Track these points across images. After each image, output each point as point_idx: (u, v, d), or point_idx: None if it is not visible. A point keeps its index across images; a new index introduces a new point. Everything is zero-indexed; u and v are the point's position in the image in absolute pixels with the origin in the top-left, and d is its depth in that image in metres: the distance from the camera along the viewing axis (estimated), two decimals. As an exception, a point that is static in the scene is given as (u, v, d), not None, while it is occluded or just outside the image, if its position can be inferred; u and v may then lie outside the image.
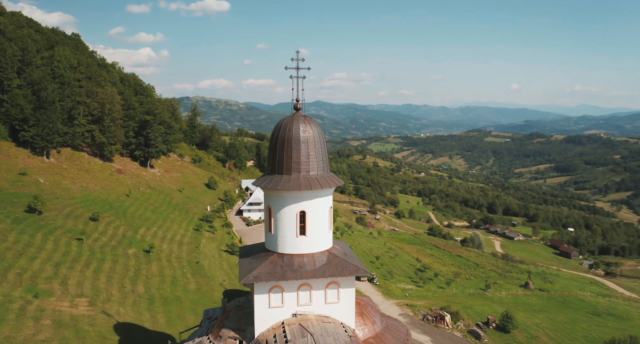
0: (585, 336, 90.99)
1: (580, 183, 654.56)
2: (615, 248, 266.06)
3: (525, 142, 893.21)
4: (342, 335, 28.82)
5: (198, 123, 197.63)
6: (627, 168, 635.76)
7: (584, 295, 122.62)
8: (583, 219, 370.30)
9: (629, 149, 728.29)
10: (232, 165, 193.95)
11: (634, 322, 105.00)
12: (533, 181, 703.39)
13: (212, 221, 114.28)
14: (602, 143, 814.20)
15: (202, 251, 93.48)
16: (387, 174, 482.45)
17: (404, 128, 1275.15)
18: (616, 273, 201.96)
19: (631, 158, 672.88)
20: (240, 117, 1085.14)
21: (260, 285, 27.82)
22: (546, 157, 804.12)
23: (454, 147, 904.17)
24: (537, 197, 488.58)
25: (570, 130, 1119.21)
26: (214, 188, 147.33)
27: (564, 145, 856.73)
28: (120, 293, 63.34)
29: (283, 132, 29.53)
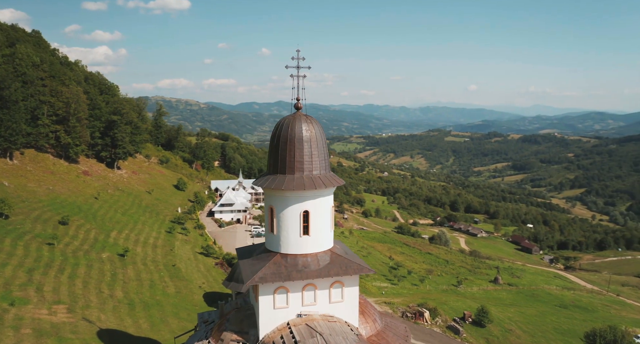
0: (555, 328, 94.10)
1: (536, 180, 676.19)
2: (572, 243, 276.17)
3: (483, 141, 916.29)
4: (350, 334, 28.77)
5: (163, 123, 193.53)
6: (580, 166, 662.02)
7: (550, 289, 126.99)
8: (541, 215, 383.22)
9: (581, 148, 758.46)
10: (199, 166, 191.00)
11: (598, 313, 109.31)
12: (492, 179, 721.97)
13: (184, 223, 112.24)
14: (556, 142, 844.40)
15: (177, 253, 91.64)
16: (352, 174, 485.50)
17: (365, 128, 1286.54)
18: (575, 267, 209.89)
19: (584, 156, 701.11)
20: (202, 117, 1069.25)
21: (264, 286, 27.41)
22: (504, 156, 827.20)
23: (415, 147, 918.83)
24: (496, 195, 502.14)
25: (526, 130, 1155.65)
26: (183, 189, 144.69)
27: (520, 144, 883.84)
28: (99, 299, 61.28)
29: (285, 131, 29.17)
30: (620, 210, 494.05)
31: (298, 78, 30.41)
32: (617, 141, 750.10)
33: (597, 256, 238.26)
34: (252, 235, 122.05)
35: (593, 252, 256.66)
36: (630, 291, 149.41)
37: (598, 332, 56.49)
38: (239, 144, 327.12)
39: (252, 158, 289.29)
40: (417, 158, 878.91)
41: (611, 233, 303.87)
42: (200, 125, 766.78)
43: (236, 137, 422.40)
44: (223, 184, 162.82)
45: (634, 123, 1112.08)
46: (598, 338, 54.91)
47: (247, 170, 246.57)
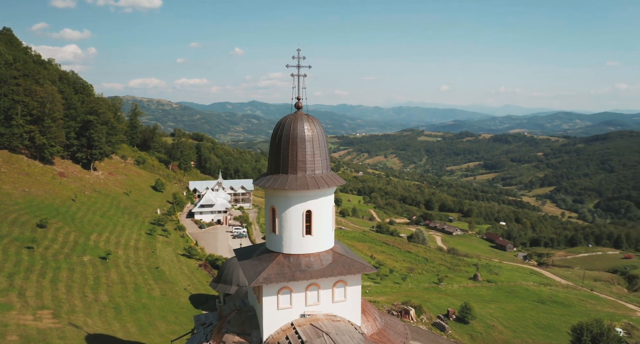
0: (535, 323, 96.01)
1: (507, 179, 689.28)
2: (544, 239, 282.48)
3: (455, 140, 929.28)
4: (355, 333, 28.79)
5: (138, 123, 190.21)
6: (549, 165, 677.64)
7: (528, 285, 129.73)
8: (513, 213, 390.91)
9: (550, 147, 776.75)
10: (175, 167, 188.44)
11: (575, 308, 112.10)
12: (464, 178, 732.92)
13: (164, 225, 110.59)
14: (526, 141, 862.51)
15: (160, 256, 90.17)
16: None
17: (339, 128, 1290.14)
18: (548, 263, 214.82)
19: (553, 155, 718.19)
20: (174, 117, 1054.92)
21: (268, 287, 27.16)
22: (475, 155, 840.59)
23: (389, 146, 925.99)
24: (469, 193, 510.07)
25: (497, 129, 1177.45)
26: (161, 190, 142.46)
27: (491, 143, 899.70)
28: (84, 303, 59.83)
29: (287, 130, 28.96)
30: (588, 207, 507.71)
31: (299, 77, 30.23)
32: (584, 140, 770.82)
33: (569, 253, 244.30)
34: (233, 235, 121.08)
35: (564, 248, 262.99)
36: (603, 286, 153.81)
37: (585, 326, 57.94)
38: (213, 144, 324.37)
39: (228, 159, 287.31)
40: (391, 157, 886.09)
41: (581, 230, 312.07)
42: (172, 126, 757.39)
43: (210, 137, 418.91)
44: (201, 185, 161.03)
45: (600, 122, 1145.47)
46: (585, 332, 56.32)
47: (224, 171, 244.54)
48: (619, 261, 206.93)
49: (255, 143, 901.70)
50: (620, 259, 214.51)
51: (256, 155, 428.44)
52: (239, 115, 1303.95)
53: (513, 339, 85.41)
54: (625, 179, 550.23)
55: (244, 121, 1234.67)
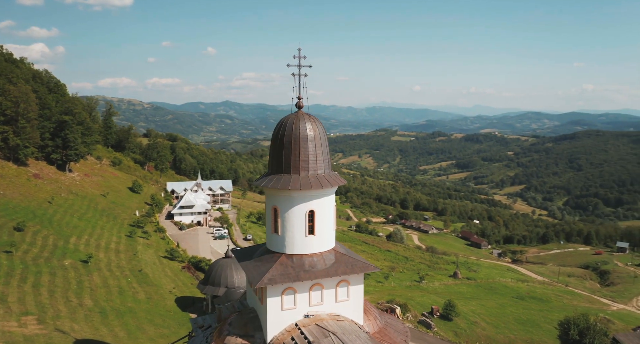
0: (515, 319, 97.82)
1: (479, 178, 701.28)
2: (517, 237, 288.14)
3: (428, 140, 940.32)
4: (360, 332, 28.85)
5: (113, 123, 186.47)
6: (519, 164, 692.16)
7: (506, 281, 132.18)
8: (486, 211, 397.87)
9: (520, 146, 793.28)
10: (151, 168, 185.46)
11: (553, 303, 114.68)
12: (437, 177, 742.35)
13: (143, 227, 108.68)
14: (497, 141, 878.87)
15: (142, 258, 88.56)
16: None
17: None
18: (522, 260, 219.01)
19: (523, 154, 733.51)
20: (145, 118, 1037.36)
21: (272, 287, 26.94)
22: (448, 155, 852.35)
23: (363, 146, 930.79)
24: (442, 192, 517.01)
25: (468, 129, 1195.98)
26: (138, 192, 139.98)
27: (463, 143, 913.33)
28: (68, 308, 58.28)
29: (289, 130, 28.80)
30: (557, 205, 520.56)
31: (299, 77, 30.11)
32: (553, 139, 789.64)
33: (542, 249, 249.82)
34: (214, 237, 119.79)
35: (537, 245, 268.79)
36: (577, 281, 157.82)
37: (572, 320, 59.31)
38: (188, 145, 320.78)
39: (204, 159, 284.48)
40: (365, 157, 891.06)
41: (552, 227, 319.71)
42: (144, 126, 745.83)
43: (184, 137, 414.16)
44: (179, 186, 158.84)
45: (568, 122, 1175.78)
46: (572, 326, 57.66)
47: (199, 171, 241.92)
48: (590, 257, 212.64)
49: (229, 143, 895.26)
50: (591, 255, 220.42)
51: (231, 156, 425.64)
52: (212, 115, 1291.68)
53: (496, 335, 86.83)
54: (592, 177, 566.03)
55: (217, 121, 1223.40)
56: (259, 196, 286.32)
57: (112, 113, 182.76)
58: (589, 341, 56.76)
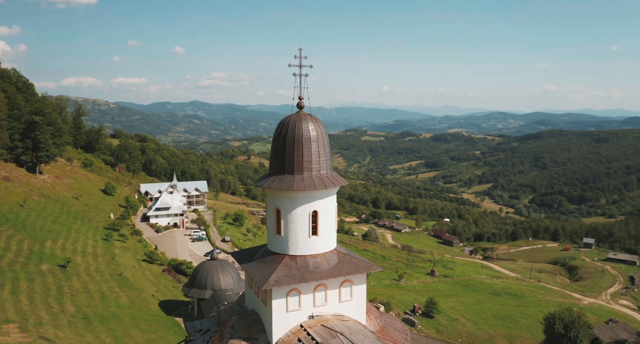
0: (494, 315, 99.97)
1: (447, 177, 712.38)
2: (487, 234, 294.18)
3: (397, 140, 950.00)
4: (367, 332, 28.94)
5: (83, 124, 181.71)
6: (486, 163, 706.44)
7: (481, 278, 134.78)
8: (456, 210, 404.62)
9: (487, 145, 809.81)
10: (122, 169, 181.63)
11: (527, 299, 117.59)
12: (407, 177, 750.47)
13: (119, 230, 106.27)
14: (464, 140, 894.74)
15: (120, 262, 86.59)
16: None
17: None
18: (493, 257, 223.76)
19: (489, 153, 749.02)
20: (111, 118, 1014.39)
21: (277, 289, 26.76)
22: (417, 154, 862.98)
23: (333, 146, 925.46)
24: (412, 191, 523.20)
25: (436, 129, 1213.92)
26: (111, 194, 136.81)
27: (431, 142, 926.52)
28: (50, 315, 56.52)
29: (292, 130, 28.63)
30: (523, 202, 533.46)
31: (300, 77, 29.96)
32: (518, 139, 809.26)
33: (511, 246, 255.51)
34: (192, 239, 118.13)
35: (506, 242, 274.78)
36: (548, 276, 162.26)
37: (557, 315, 60.88)
38: (158, 145, 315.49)
39: (175, 160, 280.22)
40: (336, 157, 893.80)
41: (519, 224, 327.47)
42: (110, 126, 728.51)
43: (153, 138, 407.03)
44: (153, 187, 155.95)
45: (532, 122, 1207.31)
46: (557, 320, 59.20)
47: (169, 172, 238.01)
48: (558, 253, 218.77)
49: (198, 144, 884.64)
50: (559, 251, 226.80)
51: (202, 156, 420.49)
52: (180, 115, 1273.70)
53: (476, 331, 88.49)
54: (556, 175, 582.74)
55: (185, 121, 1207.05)
56: (231, 197, 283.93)
57: (81, 114, 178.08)
58: (573, 334, 58.50)
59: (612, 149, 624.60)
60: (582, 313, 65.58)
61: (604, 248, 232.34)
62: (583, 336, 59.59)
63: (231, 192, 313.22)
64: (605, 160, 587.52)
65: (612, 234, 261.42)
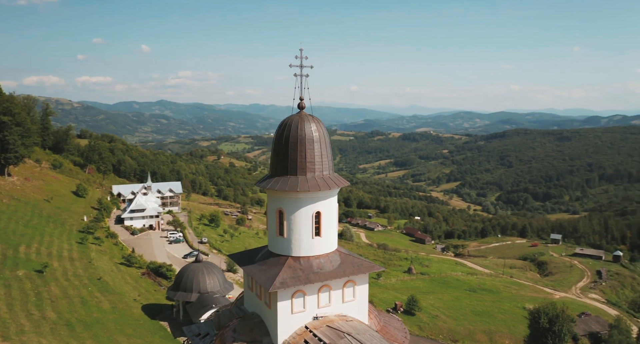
0: (472, 310, 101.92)
1: (416, 175, 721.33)
2: (458, 232, 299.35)
3: (367, 139, 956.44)
4: (372, 332, 29.26)
5: (50, 124, 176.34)
6: (454, 161, 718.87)
7: (457, 275, 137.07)
8: (426, 208, 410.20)
9: (454, 144, 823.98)
10: (92, 170, 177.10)
11: (503, 294, 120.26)
12: (376, 175, 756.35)
13: (94, 233, 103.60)
14: (432, 139, 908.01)
15: (98, 266, 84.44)
16: (245, 174, 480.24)
17: (253, 128, 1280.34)
18: (464, 254, 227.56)
19: (457, 152, 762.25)
20: (75, 118, 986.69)
21: (283, 291, 26.72)
22: (386, 153, 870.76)
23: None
24: (382, 190, 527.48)
25: (404, 128, 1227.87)
26: (83, 196, 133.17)
27: (400, 142, 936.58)
28: (31, 322, 54.63)
29: (295, 131, 28.61)
30: (490, 200, 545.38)
31: (301, 77, 29.96)
32: (484, 138, 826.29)
33: (482, 243, 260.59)
34: (169, 241, 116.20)
35: (476, 239, 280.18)
36: (519, 272, 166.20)
37: (541, 310, 62.50)
38: (126, 146, 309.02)
39: (144, 161, 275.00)
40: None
41: (488, 222, 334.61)
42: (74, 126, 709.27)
43: (120, 138, 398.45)
44: (126, 189, 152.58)
45: (497, 121, 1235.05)
46: (542, 315, 60.79)
47: (140, 173, 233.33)
48: (527, 249, 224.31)
49: (165, 144, 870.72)
50: (527, 247, 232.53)
51: (171, 157, 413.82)
52: (146, 115, 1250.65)
53: (456, 327, 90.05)
54: (522, 173, 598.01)
55: (152, 121, 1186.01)
56: (203, 198, 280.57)
57: (49, 113, 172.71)
58: (557, 328, 60.23)
59: (574, 147, 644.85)
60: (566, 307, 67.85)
61: (571, 244, 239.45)
62: (567, 329, 61.48)
63: (202, 193, 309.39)
64: (568, 158, 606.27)
65: (577, 230, 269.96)
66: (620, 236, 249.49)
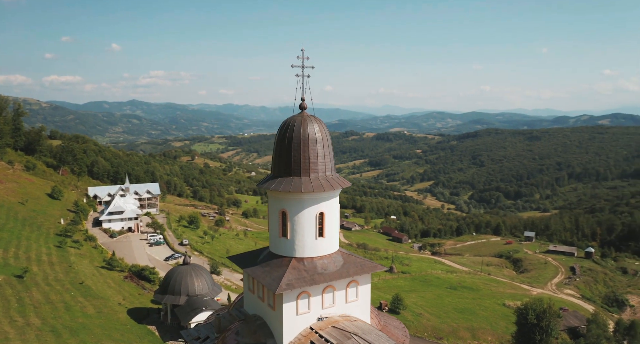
0: (454, 308, 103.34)
1: (391, 175, 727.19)
2: (433, 230, 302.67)
3: (341, 139, 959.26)
4: (377, 331, 29.37)
5: (22, 125, 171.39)
6: (427, 161, 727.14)
7: (437, 273, 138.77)
8: (401, 207, 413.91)
9: (427, 144, 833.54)
10: (65, 172, 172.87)
11: (482, 291, 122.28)
12: (351, 175, 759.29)
13: (72, 236, 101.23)
14: (406, 139, 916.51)
15: (79, 270, 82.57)
16: (220, 174, 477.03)
17: (226, 128, 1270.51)
18: (441, 252, 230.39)
19: (430, 152, 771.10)
20: (44, 118, 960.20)
21: (288, 292, 26.67)
22: (360, 153, 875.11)
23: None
24: (358, 190, 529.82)
25: (378, 128, 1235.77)
26: (58, 198, 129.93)
27: (374, 141, 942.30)
28: (15, 329, 53.09)
29: (297, 132, 28.56)
30: (464, 199, 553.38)
31: (303, 78, 29.89)
32: (457, 138, 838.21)
33: (458, 241, 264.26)
34: (149, 243, 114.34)
35: (452, 238, 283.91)
36: (496, 269, 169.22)
37: (529, 306, 63.77)
38: (99, 147, 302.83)
39: (118, 162, 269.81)
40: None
41: (462, 220, 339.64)
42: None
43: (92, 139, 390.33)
44: (102, 190, 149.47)
45: (469, 121, 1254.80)
46: (530, 311, 62.02)
47: (114, 174, 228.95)
48: (502, 247, 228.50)
49: (137, 144, 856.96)
50: (502, 245, 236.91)
51: (145, 157, 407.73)
52: (117, 115, 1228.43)
53: (440, 324, 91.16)
54: (493, 172, 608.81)
55: (123, 121, 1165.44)
56: (178, 199, 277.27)
57: (20, 114, 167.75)
58: (545, 323, 61.60)
59: (543, 147, 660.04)
60: (552, 303, 69.61)
61: (544, 241, 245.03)
62: (553, 324, 62.95)
63: (177, 194, 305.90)
64: (538, 157, 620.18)
65: (549, 227, 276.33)
66: (590, 233, 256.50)
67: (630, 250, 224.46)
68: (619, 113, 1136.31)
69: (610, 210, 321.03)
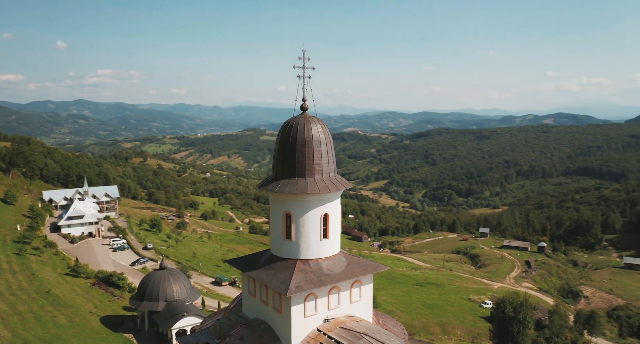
0: (423, 304, 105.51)
1: (346, 174, 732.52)
2: (391, 229, 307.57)
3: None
4: (384, 330, 29.85)
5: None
6: (382, 160, 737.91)
7: (402, 271, 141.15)
8: (358, 206, 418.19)
9: (381, 144, 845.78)
10: (15, 175, 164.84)
11: (447, 287, 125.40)
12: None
13: (30, 242, 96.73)
14: (360, 139, 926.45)
15: (43, 277, 79.05)
16: (175, 176, 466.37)
17: (178, 129, 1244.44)
18: (400, 250, 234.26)
19: (384, 151, 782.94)
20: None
21: (296, 295, 26.69)
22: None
23: (232, 146, 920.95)
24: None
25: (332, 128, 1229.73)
26: (12, 203, 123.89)
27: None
28: (-14, 342, 50.34)
29: (301, 133, 28.60)
30: (417, 197, 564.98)
31: (304, 78, 29.93)
32: (409, 137, 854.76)
33: (416, 239, 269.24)
34: (113, 248, 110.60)
35: (409, 235, 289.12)
36: (456, 265, 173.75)
37: (507, 299, 65.88)
38: (47, 148, 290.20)
39: (68, 164, 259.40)
40: (235, 157, 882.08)
41: (418, 218, 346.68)
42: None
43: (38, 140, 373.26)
44: (58, 194, 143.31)
45: (420, 121, 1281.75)
46: (507, 305, 64.10)
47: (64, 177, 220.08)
48: (459, 243, 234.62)
49: (85, 145, 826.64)
50: (459, 241, 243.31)
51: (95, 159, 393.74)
52: (63, 115, 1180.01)
53: (412, 321, 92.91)
54: (445, 171, 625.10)
55: (69, 122, 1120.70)
56: (133, 202, 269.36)
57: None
58: (522, 316, 63.89)
59: (492, 146, 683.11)
60: (528, 296, 72.15)
61: (498, 237, 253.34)
62: (530, 317, 65.39)
63: (132, 196, 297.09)
64: (487, 155, 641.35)
65: (501, 223, 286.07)
66: (540, 228, 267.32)
67: (579, 243, 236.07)
68: (562, 113, 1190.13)
69: (557, 206, 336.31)
